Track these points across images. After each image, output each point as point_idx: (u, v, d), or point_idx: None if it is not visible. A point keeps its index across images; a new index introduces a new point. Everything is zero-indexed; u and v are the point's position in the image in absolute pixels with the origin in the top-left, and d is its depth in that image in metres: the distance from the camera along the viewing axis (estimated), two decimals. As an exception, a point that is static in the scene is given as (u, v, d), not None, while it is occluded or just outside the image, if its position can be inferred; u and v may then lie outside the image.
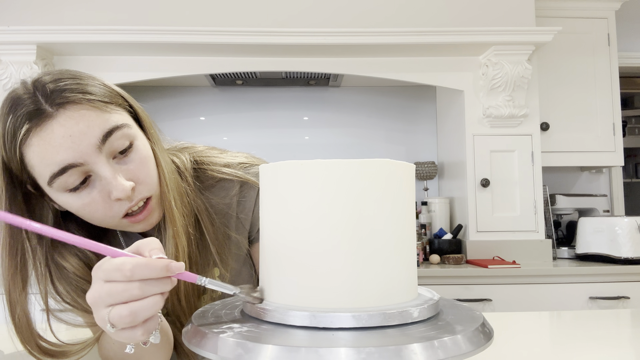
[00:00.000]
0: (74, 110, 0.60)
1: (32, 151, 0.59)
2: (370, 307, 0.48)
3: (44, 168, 0.60)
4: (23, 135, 0.59)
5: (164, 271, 0.48)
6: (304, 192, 0.49)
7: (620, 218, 2.24)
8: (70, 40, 2.17)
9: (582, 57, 2.61)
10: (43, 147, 0.59)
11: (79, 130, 0.59)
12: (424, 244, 2.44)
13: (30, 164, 0.61)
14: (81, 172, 0.61)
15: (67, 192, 0.62)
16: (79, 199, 0.62)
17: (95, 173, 0.62)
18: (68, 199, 0.62)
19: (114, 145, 0.62)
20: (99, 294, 0.48)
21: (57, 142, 0.59)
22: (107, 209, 0.63)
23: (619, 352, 0.78)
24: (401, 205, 0.51)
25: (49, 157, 0.59)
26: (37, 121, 0.59)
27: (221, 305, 0.59)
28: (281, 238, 0.51)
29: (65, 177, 0.60)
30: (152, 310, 0.48)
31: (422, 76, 2.46)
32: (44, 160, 0.59)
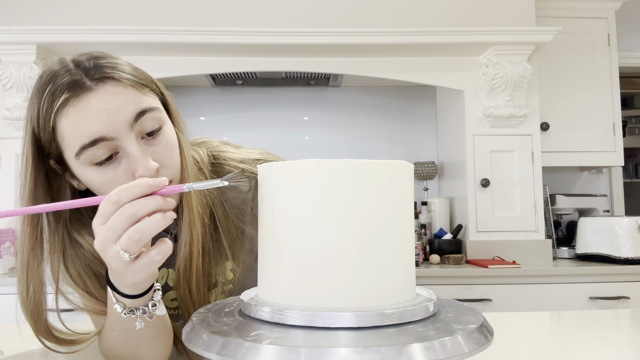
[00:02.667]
0: (113, 86, 0.62)
1: (67, 121, 0.61)
2: (368, 307, 0.48)
3: (75, 139, 0.61)
4: (60, 104, 0.60)
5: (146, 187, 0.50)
6: (303, 191, 0.49)
7: (620, 218, 2.24)
8: (70, 40, 2.17)
9: (582, 57, 2.61)
10: (78, 117, 0.60)
11: (115, 106, 0.61)
12: (424, 244, 2.44)
13: (61, 134, 0.62)
14: (110, 147, 0.62)
15: (92, 166, 0.62)
16: (103, 175, 0.63)
17: (124, 150, 0.63)
18: (92, 173, 0.63)
19: (144, 125, 0.64)
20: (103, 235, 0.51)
21: (93, 114, 0.60)
22: None
23: (619, 352, 0.78)
24: (400, 205, 0.51)
25: (83, 127, 0.60)
26: (76, 92, 0.60)
27: (221, 305, 0.59)
28: (280, 238, 0.51)
29: (94, 150, 0.61)
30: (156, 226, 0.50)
31: (422, 76, 2.46)
32: (77, 131, 0.61)
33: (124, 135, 0.62)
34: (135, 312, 0.59)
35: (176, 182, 0.70)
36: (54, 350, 0.70)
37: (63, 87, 0.61)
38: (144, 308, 0.59)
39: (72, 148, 0.62)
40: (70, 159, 0.63)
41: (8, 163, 2.27)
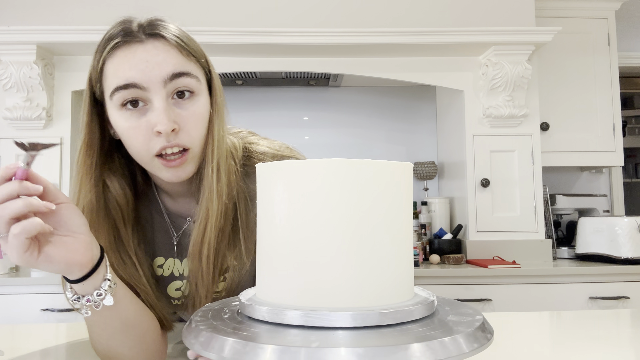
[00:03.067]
0: (161, 43, 0.69)
1: (112, 63, 0.67)
2: (367, 307, 0.48)
3: (113, 79, 0.67)
4: (112, 46, 0.67)
5: None
6: (303, 191, 0.49)
7: (620, 218, 2.24)
8: (70, 40, 2.17)
9: (582, 57, 2.61)
10: (122, 61, 0.67)
11: (156, 60, 0.67)
12: (424, 244, 2.44)
13: (105, 74, 0.68)
14: (139, 96, 0.67)
15: (121, 110, 0.67)
16: (127, 121, 0.67)
17: (151, 102, 0.67)
18: (120, 118, 0.68)
19: (178, 87, 0.68)
20: None
21: (134, 62, 0.66)
22: (146, 140, 0.67)
23: (619, 352, 0.78)
24: (399, 205, 0.51)
25: (122, 71, 0.66)
26: (127, 39, 0.68)
27: (220, 305, 0.59)
28: (279, 237, 0.51)
29: (124, 93, 0.66)
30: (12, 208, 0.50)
31: (422, 76, 2.46)
32: (117, 72, 0.67)
33: (155, 88, 0.66)
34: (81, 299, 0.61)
35: (196, 156, 0.71)
36: None
37: (118, 34, 0.68)
38: (89, 297, 0.61)
39: (109, 88, 0.67)
40: (107, 99, 0.69)
41: (8, 163, 2.27)
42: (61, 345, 0.86)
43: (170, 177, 0.70)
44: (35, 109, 2.24)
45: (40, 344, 0.85)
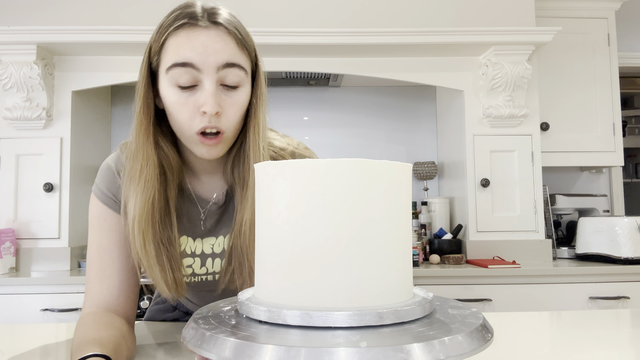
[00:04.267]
0: (222, 33, 0.74)
1: (174, 40, 0.73)
2: (365, 307, 0.48)
3: (173, 55, 0.73)
4: (177, 26, 0.73)
5: None
6: (302, 191, 0.49)
7: (620, 218, 2.24)
8: (70, 40, 2.17)
9: (582, 57, 2.61)
10: (184, 40, 0.72)
11: (215, 47, 0.73)
12: (424, 244, 2.44)
13: (165, 49, 0.74)
14: (193, 76, 0.73)
15: (174, 86, 0.74)
16: (177, 96, 0.74)
17: (202, 84, 0.73)
18: (171, 91, 0.74)
19: (227, 75, 0.74)
20: None
21: (195, 44, 0.72)
22: (191, 116, 0.74)
23: (619, 352, 0.78)
24: (398, 205, 0.51)
25: (182, 50, 0.72)
26: (192, 22, 0.73)
27: (220, 305, 0.59)
28: (278, 237, 0.51)
29: (181, 71, 0.72)
30: None
31: (422, 76, 2.46)
32: (178, 50, 0.73)
33: (208, 72, 0.72)
34: None
35: (229, 139, 0.78)
36: None
37: (185, 15, 0.73)
38: None
39: (167, 62, 0.73)
40: (162, 72, 0.75)
41: (8, 163, 2.27)
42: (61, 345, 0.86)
43: (203, 153, 0.77)
44: (35, 109, 2.25)
45: (40, 344, 0.85)
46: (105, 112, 2.76)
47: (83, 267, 2.32)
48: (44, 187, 2.24)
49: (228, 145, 0.79)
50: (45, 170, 2.27)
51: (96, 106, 2.63)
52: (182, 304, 1.06)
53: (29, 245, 2.24)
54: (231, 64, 0.74)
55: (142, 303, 1.99)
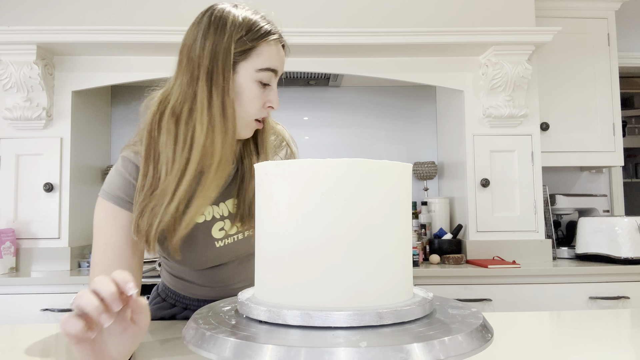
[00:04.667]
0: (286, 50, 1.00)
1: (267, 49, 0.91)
2: (365, 307, 0.48)
3: (266, 60, 0.90)
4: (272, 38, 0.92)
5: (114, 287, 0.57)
6: (302, 191, 0.49)
7: (620, 218, 2.24)
8: (70, 40, 2.17)
9: (582, 57, 2.61)
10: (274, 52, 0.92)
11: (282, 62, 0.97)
12: (424, 244, 2.44)
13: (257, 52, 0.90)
14: (270, 78, 0.92)
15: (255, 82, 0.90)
16: (258, 91, 0.90)
17: (271, 85, 0.93)
18: (252, 85, 0.90)
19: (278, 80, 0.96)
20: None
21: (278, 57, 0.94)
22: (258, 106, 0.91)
23: (619, 352, 0.78)
24: (398, 205, 0.51)
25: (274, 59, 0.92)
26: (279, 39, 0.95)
27: (220, 305, 0.59)
28: (278, 237, 0.51)
29: (267, 73, 0.91)
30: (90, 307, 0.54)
31: (422, 76, 2.46)
32: (270, 57, 0.91)
33: (277, 77, 0.94)
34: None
35: None
36: None
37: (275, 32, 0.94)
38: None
39: (259, 63, 0.90)
40: (249, 67, 0.89)
41: (8, 163, 2.27)
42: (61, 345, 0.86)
43: (248, 133, 0.94)
44: (35, 109, 2.25)
45: (40, 344, 0.85)
46: (105, 112, 2.76)
47: (83, 267, 2.32)
48: (44, 187, 2.24)
49: None
50: (45, 170, 2.27)
51: (96, 106, 2.63)
52: (181, 299, 1.07)
53: (29, 245, 2.25)
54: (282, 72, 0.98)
55: (142, 303, 1.99)
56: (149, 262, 2.46)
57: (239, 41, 0.88)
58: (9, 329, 1.01)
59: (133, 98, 2.82)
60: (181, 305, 1.07)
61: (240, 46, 0.88)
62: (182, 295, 1.06)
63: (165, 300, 1.09)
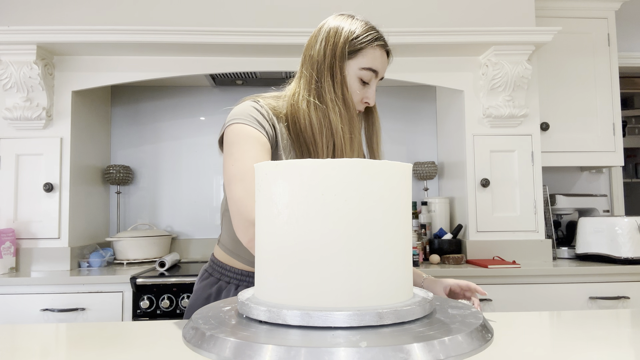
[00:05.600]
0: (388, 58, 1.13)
1: (372, 52, 1.08)
2: (365, 307, 0.48)
3: (371, 61, 1.07)
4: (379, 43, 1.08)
5: None
6: (302, 191, 0.49)
7: (620, 218, 2.24)
8: (70, 40, 2.17)
9: (582, 57, 2.61)
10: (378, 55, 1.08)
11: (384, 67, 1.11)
12: (424, 244, 2.44)
13: (365, 53, 1.07)
14: (370, 77, 1.08)
15: (357, 79, 1.07)
16: (358, 86, 1.08)
17: (370, 84, 1.09)
18: (355, 80, 1.07)
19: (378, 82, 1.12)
20: None
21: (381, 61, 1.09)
22: (357, 100, 1.09)
23: (619, 352, 0.78)
24: (398, 205, 0.51)
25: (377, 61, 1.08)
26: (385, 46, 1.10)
27: (220, 305, 0.59)
28: (278, 237, 0.51)
29: (369, 72, 1.07)
30: None
31: (422, 76, 2.46)
32: (374, 60, 1.08)
33: (377, 78, 1.10)
34: None
35: None
36: None
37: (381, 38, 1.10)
38: None
39: (364, 64, 1.07)
40: (354, 65, 1.07)
41: (8, 163, 2.27)
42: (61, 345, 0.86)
43: None
44: (35, 109, 2.25)
45: (40, 344, 0.85)
46: (105, 112, 2.76)
47: (83, 267, 2.32)
48: (44, 187, 2.24)
49: None
50: (45, 170, 2.27)
51: (96, 106, 2.63)
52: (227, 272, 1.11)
53: (29, 245, 2.25)
54: (383, 77, 1.13)
55: (142, 303, 1.99)
56: (149, 262, 2.46)
57: (352, 42, 1.06)
58: (9, 329, 1.01)
59: (133, 98, 2.82)
60: (225, 280, 1.11)
61: (353, 47, 1.06)
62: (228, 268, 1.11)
63: (212, 275, 1.14)
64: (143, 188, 2.82)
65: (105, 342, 0.84)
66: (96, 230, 2.60)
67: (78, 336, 0.89)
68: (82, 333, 0.90)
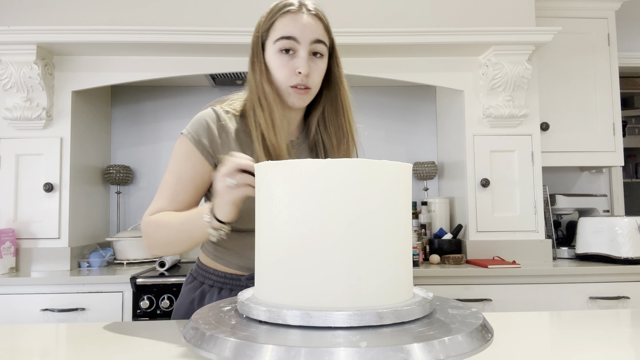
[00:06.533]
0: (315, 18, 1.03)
1: (282, 21, 1.01)
2: (365, 307, 0.48)
3: (280, 30, 1.01)
4: (285, 11, 1.02)
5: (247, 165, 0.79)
6: (302, 191, 0.49)
7: (620, 218, 2.24)
8: (70, 40, 2.17)
9: (582, 57, 2.61)
10: (290, 21, 1.01)
11: (310, 27, 1.01)
12: (424, 244, 2.44)
13: (274, 27, 1.02)
14: (292, 46, 1.00)
15: (277, 52, 1.01)
16: (280, 59, 1.01)
17: (298, 52, 1.01)
18: (275, 57, 1.01)
19: (315, 48, 1.02)
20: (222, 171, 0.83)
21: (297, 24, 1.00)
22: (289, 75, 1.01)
23: (619, 352, 0.78)
24: (398, 205, 0.51)
25: (288, 27, 1.00)
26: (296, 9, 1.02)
27: (220, 305, 0.59)
28: (278, 237, 0.51)
29: (285, 42, 1.00)
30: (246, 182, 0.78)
31: (422, 76, 2.46)
32: (284, 27, 1.01)
33: (304, 44, 1.01)
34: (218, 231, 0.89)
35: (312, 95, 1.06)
36: None
37: (291, 4, 1.02)
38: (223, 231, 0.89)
39: (275, 35, 1.01)
40: (270, 43, 1.02)
41: (8, 163, 2.27)
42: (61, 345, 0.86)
43: (294, 102, 1.03)
44: (35, 109, 2.24)
45: (40, 344, 0.85)
46: (105, 112, 2.76)
47: (83, 267, 2.32)
48: (44, 187, 2.24)
49: (311, 99, 1.07)
50: (45, 170, 2.27)
51: (96, 106, 2.62)
52: (211, 275, 1.11)
53: (29, 245, 2.24)
54: (319, 40, 1.02)
55: (142, 303, 1.99)
56: (149, 262, 2.46)
57: (263, 24, 1.04)
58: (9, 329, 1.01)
59: (133, 98, 2.82)
60: (208, 283, 1.11)
61: (264, 28, 1.04)
62: (212, 271, 1.11)
63: (196, 279, 1.14)
64: (143, 188, 2.82)
65: (105, 342, 0.84)
66: (96, 230, 2.60)
67: (78, 336, 0.89)
68: (82, 333, 0.90)
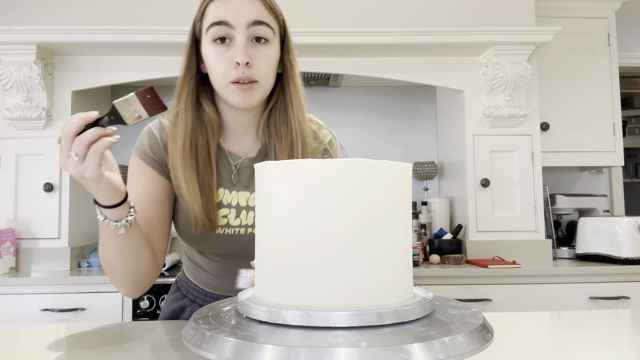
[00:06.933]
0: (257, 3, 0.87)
1: (213, 6, 0.87)
2: (365, 307, 0.48)
3: (211, 17, 0.87)
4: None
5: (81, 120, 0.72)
6: (302, 191, 0.49)
7: (620, 218, 2.24)
8: (70, 40, 2.17)
9: (582, 57, 2.61)
10: (220, 4, 0.86)
11: (245, 8, 0.86)
12: (424, 244, 2.44)
13: (206, 14, 0.88)
14: (227, 32, 0.86)
15: (212, 43, 0.87)
16: (215, 51, 0.87)
17: (234, 39, 0.86)
18: (210, 48, 0.88)
19: (256, 32, 0.87)
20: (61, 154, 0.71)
21: (229, 6, 0.86)
22: (227, 68, 0.86)
23: (619, 352, 0.78)
24: (398, 205, 0.51)
25: (219, 11, 0.86)
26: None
27: (220, 305, 0.59)
28: (278, 237, 0.51)
29: (217, 28, 0.86)
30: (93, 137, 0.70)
31: (422, 76, 2.46)
32: (215, 12, 0.86)
33: (240, 29, 0.86)
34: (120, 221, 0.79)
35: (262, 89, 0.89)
36: None
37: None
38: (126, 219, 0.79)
39: (207, 24, 0.87)
40: (203, 35, 0.89)
41: (8, 163, 2.27)
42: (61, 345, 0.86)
43: (239, 101, 0.88)
44: (35, 109, 2.25)
45: (40, 344, 0.85)
46: (105, 112, 2.76)
47: (83, 267, 2.32)
48: (44, 187, 2.24)
49: (262, 95, 0.91)
50: (45, 170, 2.27)
51: (96, 106, 2.62)
52: (192, 290, 1.07)
53: (29, 245, 2.24)
54: (259, 21, 0.87)
55: (142, 303, 1.99)
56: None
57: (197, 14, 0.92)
58: (9, 329, 1.01)
59: (133, 98, 2.81)
60: (190, 297, 1.07)
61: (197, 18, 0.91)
62: (192, 285, 1.07)
63: (180, 289, 1.10)
64: (143, 188, 2.82)
65: (105, 342, 0.84)
66: (96, 230, 2.60)
67: (78, 336, 0.89)
68: (82, 333, 0.90)
